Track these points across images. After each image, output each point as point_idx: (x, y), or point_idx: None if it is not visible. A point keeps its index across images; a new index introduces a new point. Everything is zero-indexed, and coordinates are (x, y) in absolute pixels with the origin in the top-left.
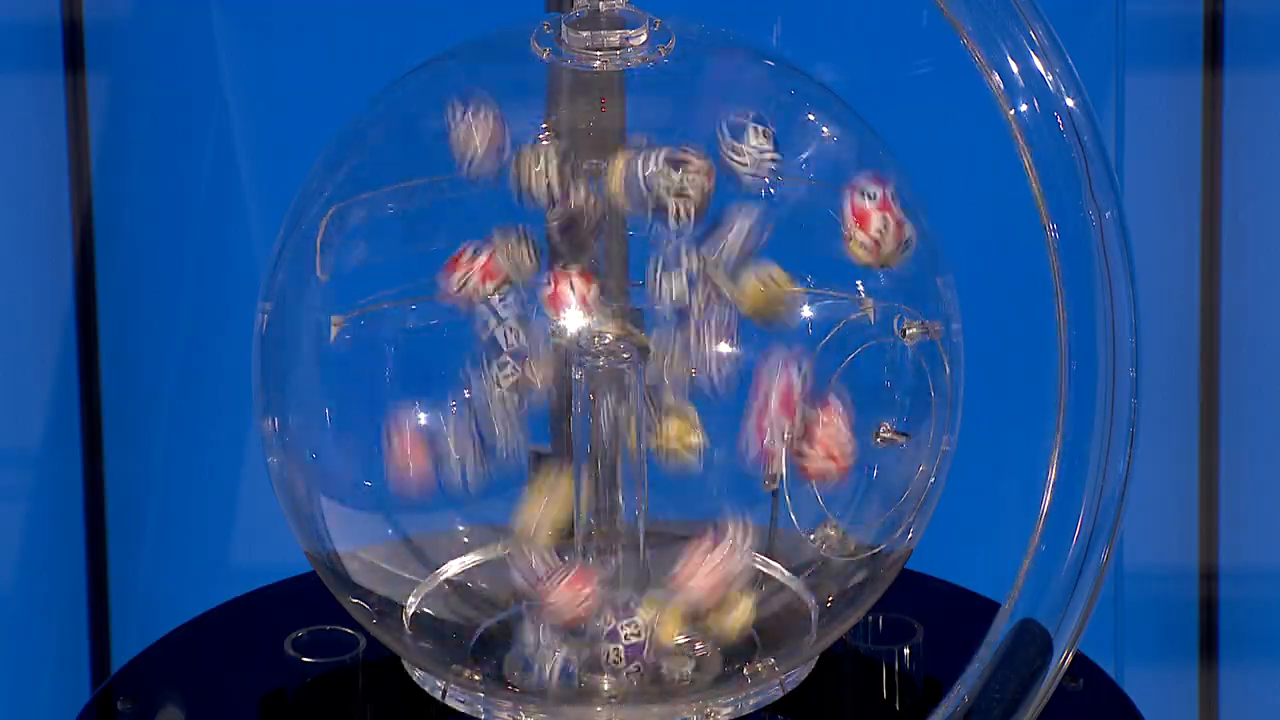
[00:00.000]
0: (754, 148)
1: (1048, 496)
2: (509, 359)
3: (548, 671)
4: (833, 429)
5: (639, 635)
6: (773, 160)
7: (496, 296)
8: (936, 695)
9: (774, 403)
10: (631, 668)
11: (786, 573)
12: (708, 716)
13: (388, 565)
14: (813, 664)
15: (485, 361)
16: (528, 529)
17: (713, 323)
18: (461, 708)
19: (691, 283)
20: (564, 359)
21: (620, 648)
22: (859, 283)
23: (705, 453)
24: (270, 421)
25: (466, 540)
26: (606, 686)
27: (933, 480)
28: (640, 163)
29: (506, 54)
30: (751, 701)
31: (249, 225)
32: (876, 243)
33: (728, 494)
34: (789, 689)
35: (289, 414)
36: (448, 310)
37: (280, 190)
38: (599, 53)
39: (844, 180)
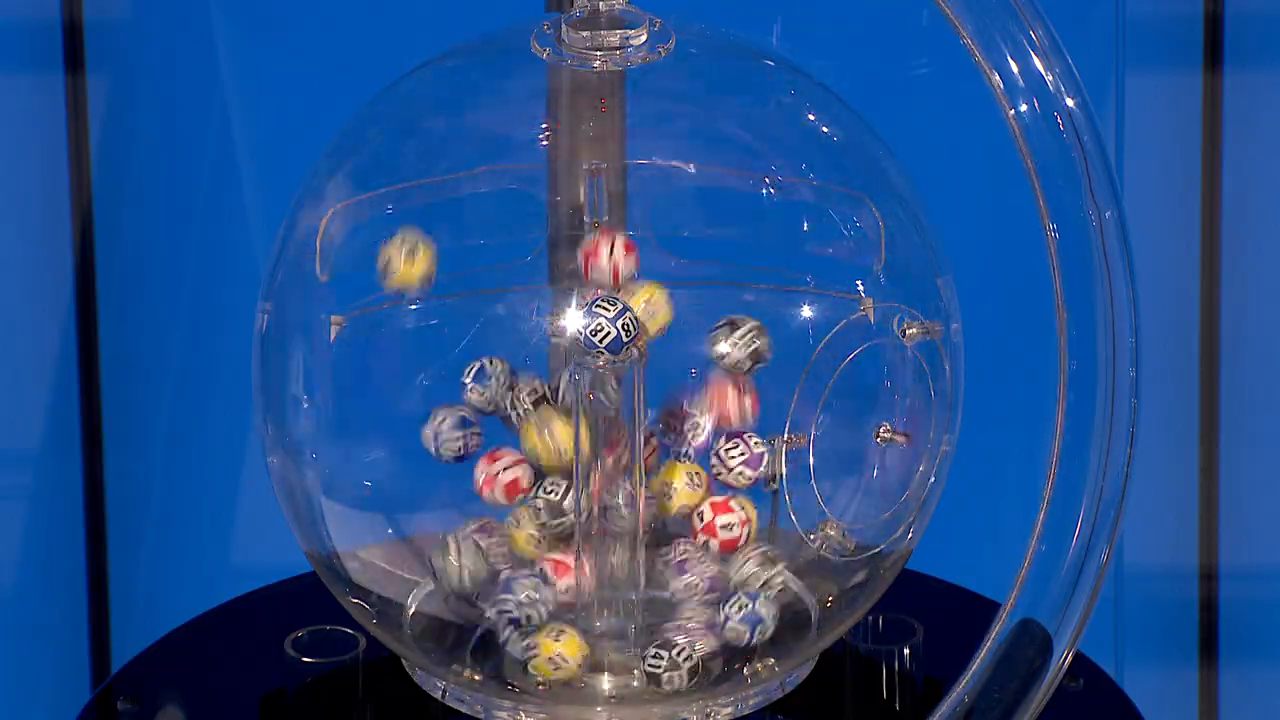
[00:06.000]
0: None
1: (1048, 496)
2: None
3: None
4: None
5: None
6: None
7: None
8: (936, 695)
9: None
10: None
11: (786, 573)
12: (708, 716)
13: (388, 565)
14: (813, 664)
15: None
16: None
17: None
18: (461, 708)
19: None
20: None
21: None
22: (859, 283)
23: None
24: (270, 421)
25: None
26: (606, 686)
27: (933, 480)
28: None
29: (506, 54)
30: (751, 701)
31: (249, 225)
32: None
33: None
34: (789, 689)
35: (289, 414)
36: (447, 310)
37: (280, 190)
38: (599, 53)
39: (843, 180)
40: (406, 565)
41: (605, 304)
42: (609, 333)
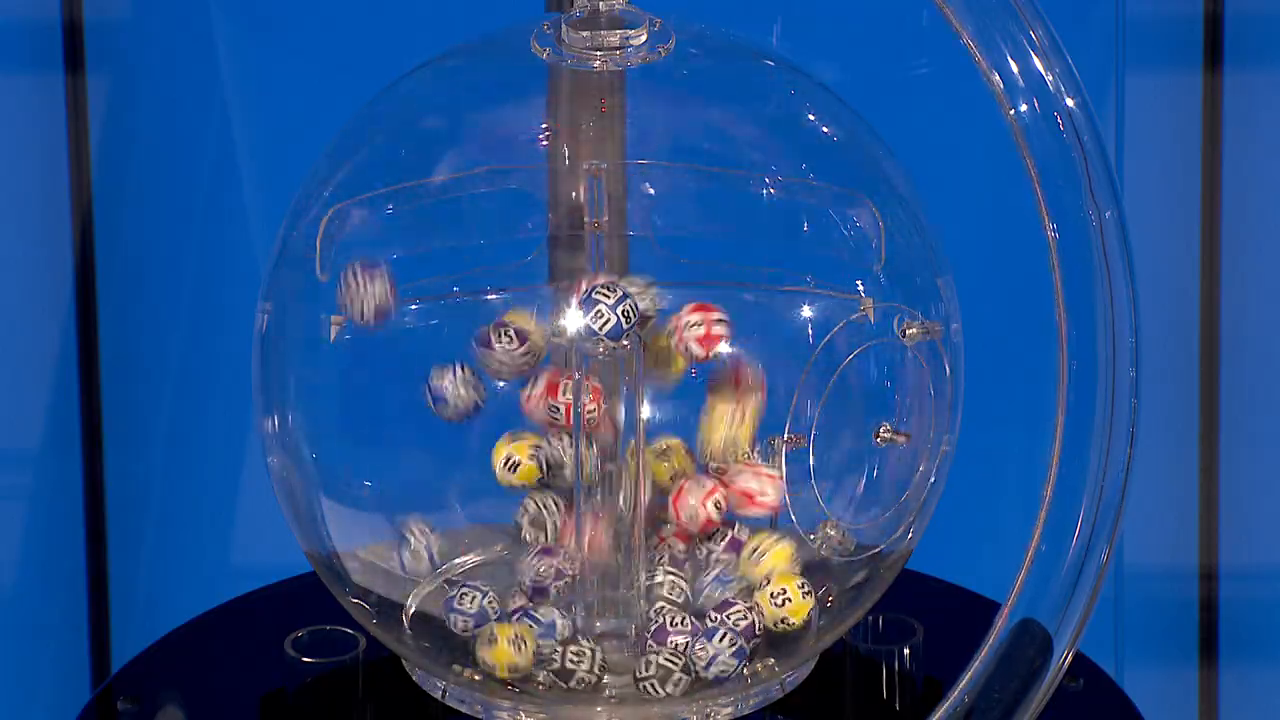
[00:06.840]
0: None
1: (1048, 496)
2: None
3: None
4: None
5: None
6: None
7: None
8: (936, 695)
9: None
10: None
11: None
12: (708, 716)
13: (388, 565)
14: (813, 664)
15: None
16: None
17: None
18: (461, 708)
19: None
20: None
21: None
22: (859, 283)
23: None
24: (270, 421)
25: (467, 540)
26: (606, 687)
27: (933, 480)
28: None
29: (506, 54)
30: (751, 701)
31: (249, 225)
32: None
33: None
34: (789, 689)
35: (289, 414)
36: (447, 310)
37: (280, 190)
38: (599, 53)
39: (843, 180)
40: (407, 565)
41: (605, 291)
42: (609, 319)
